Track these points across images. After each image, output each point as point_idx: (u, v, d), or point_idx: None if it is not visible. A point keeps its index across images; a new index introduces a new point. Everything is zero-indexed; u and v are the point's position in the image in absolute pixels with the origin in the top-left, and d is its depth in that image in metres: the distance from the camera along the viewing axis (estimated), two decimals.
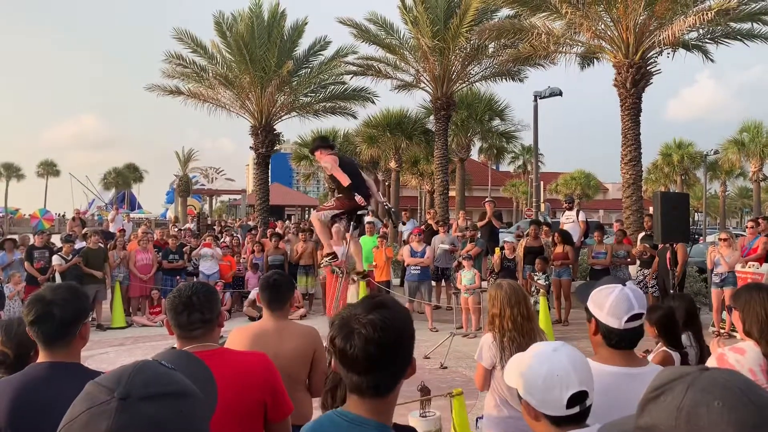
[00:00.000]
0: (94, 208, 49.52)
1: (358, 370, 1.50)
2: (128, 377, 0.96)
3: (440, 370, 8.24)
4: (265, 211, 22.01)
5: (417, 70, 20.73)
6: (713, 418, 0.90)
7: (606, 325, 2.22)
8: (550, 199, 44.61)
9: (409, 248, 11.73)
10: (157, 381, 0.98)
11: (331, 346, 1.55)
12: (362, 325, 1.49)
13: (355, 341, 1.47)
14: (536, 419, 1.74)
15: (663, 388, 0.98)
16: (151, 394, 0.95)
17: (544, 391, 1.68)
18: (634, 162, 15.09)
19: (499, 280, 3.95)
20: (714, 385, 0.94)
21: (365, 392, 1.53)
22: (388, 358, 1.50)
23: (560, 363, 1.69)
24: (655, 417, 0.97)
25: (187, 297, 2.36)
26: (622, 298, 2.20)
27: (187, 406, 0.98)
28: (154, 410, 0.93)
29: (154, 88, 21.76)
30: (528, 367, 1.73)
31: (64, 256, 11.30)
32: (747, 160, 40.74)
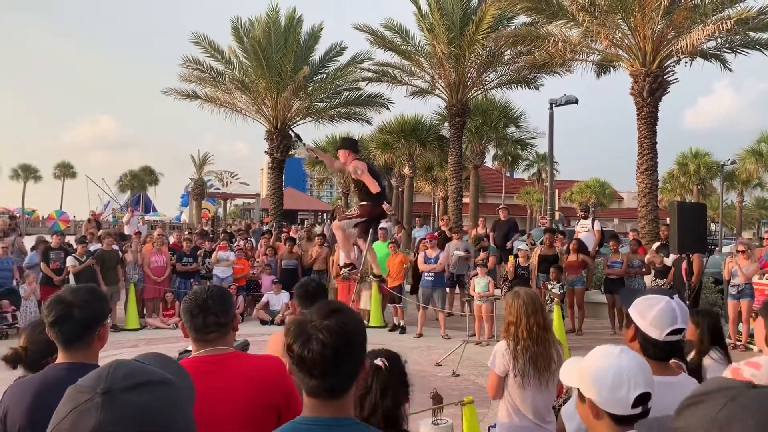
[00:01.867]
0: (109, 210, 49.98)
1: (315, 374, 1.54)
2: (107, 374, 0.97)
3: (452, 377, 8.20)
4: (279, 216, 22.10)
5: (432, 76, 20.74)
6: None
7: (646, 334, 2.23)
8: (565, 207, 44.34)
9: (423, 254, 11.71)
10: (135, 373, 0.98)
11: (288, 353, 1.58)
12: (318, 331, 1.54)
13: (313, 346, 1.52)
14: (597, 417, 1.78)
15: (704, 397, 0.98)
16: (132, 385, 0.95)
17: (611, 389, 1.73)
18: (650, 171, 14.98)
19: (516, 288, 3.93)
20: (755, 403, 0.92)
21: (322, 395, 1.57)
22: (343, 361, 1.55)
23: (629, 363, 1.76)
24: (689, 423, 0.97)
25: (202, 300, 2.37)
26: (668, 310, 2.21)
27: (170, 392, 0.99)
28: (140, 398, 0.94)
29: (171, 92, 21.96)
30: (596, 366, 1.78)
31: (78, 258, 11.40)
32: (765, 170, 40.32)
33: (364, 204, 6.66)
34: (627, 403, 1.71)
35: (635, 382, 1.72)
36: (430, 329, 11.15)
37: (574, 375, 1.87)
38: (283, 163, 22.40)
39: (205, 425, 2.18)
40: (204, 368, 2.28)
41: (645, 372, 1.76)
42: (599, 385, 1.75)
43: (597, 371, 1.77)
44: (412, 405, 2.28)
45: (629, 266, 11.41)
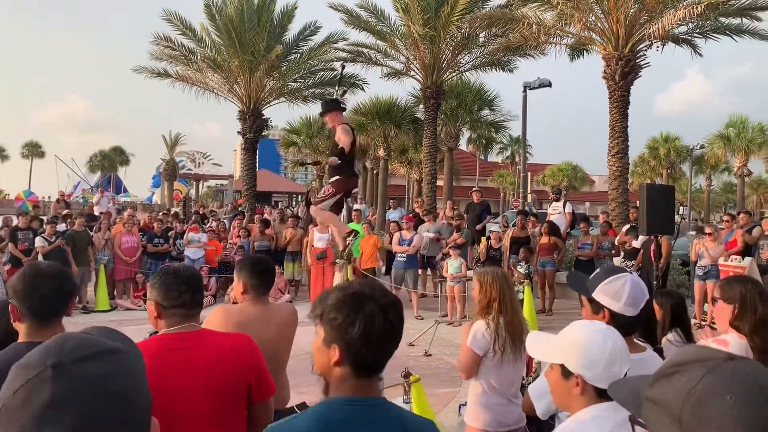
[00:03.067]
0: (79, 191, 49.06)
1: (378, 351, 1.57)
2: (55, 347, 0.94)
3: (424, 357, 8.28)
4: (252, 197, 21.91)
5: (407, 57, 20.65)
6: (721, 410, 0.87)
7: (624, 315, 2.26)
8: (537, 190, 44.73)
9: (399, 236, 11.75)
10: (84, 345, 0.96)
11: (346, 331, 1.54)
12: (386, 307, 1.57)
13: (382, 322, 1.54)
14: (582, 393, 1.79)
15: (681, 367, 0.95)
16: (82, 356, 0.93)
17: (607, 365, 1.75)
18: (621, 155, 15.17)
19: (484, 268, 3.96)
20: (733, 377, 0.89)
21: (374, 372, 1.60)
22: (400, 336, 1.63)
23: (618, 339, 1.81)
24: (664, 393, 0.94)
25: (186, 277, 2.37)
26: (636, 286, 2.27)
27: (122, 361, 0.97)
28: (92, 369, 0.92)
29: (141, 70, 21.51)
30: (591, 343, 1.79)
31: (47, 238, 11.20)
32: (732, 155, 41.11)
33: (336, 179, 6.44)
34: (619, 377, 1.72)
35: (626, 357, 1.78)
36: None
37: (557, 352, 1.85)
38: (257, 143, 22.17)
39: (174, 401, 2.18)
40: (173, 345, 2.27)
41: (626, 347, 1.83)
42: (595, 361, 1.76)
43: (592, 347, 1.77)
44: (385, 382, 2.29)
45: (599, 248, 11.60)
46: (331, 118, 6.39)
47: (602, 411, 1.75)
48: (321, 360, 1.60)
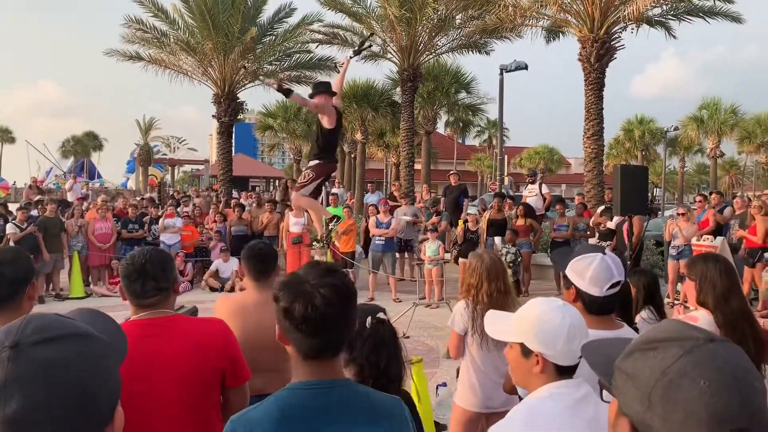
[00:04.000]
0: (51, 177, 48.18)
1: (318, 332, 1.53)
2: (17, 328, 0.92)
3: (402, 339, 8.30)
4: (228, 182, 21.70)
5: (384, 40, 20.50)
6: (692, 395, 0.85)
7: (587, 293, 2.27)
8: (514, 173, 44.95)
9: (375, 219, 11.75)
10: (48, 326, 0.93)
11: (284, 315, 1.55)
12: (320, 288, 1.52)
13: (318, 303, 1.51)
14: (543, 370, 1.79)
15: (658, 344, 0.93)
16: (43, 338, 0.90)
17: (566, 342, 1.75)
18: (596, 137, 15.29)
19: (479, 250, 3.96)
20: (710, 361, 0.88)
21: (323, 354, 1.56)
22: (347, 318, 1.56)
23: (576, 315, 1.81)
24: (637, 368, 0.93)
25: (141, 265, 2.31)
26: (604, 267, 2.26)
27: (85, 346, 0.93)
28: (50, 352, 0.89)
29: (113, 53, 21.08)
30: (549, 320, 1.78)
31: (18, 225, 11.00)
32: (705, 136, 41.70)
33: (315, 164, 6.40)
34: (576, 355, 1.74)
35: (584, 333, 1.77)
36: (381, 293, 11.25)
37: (514, 330, 1.85)
38: (232, 127, 21.93)
39: (146, 388, 2.15)
40: (145, 332, 2.24)
41: (584, 323, 1.82)
42: (554, 338, 1.76)
43: (550, 325, 1.77)
44: None
45: (575, 229, 11.72)
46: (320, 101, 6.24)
47: (560, 388, 1.75)
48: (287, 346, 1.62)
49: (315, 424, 1.51)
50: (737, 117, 41.32)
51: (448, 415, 4.80)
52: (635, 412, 0.92)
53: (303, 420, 1.52)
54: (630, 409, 0.93)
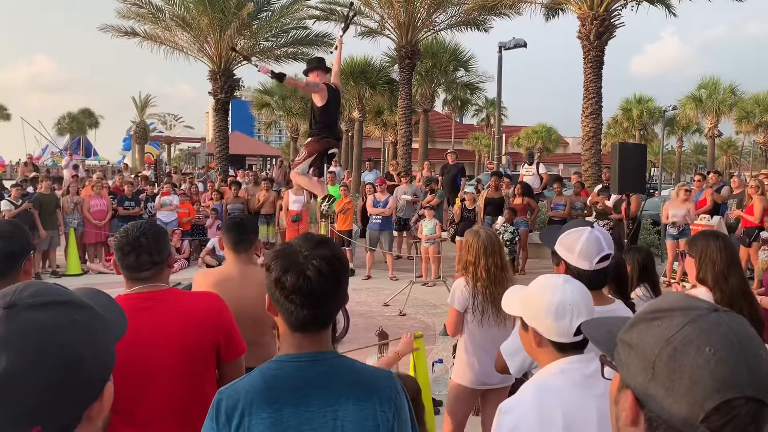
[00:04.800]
0: (47, 154, 47.94)
1: (309, 304, 1.51)
2: (15, 290, 0.91)
3: (399, 317, 8.35)
4: (225, 160, 21.57)
5: (381, 16, 20.30)
6: (698, 362, 0.84)
7: (577, 267, 2.26)
8: (512, 152, 44.88)
9: (372, 198, 11.72)
10: (46, 292, 0.92)
11: (276, 285, 1.52)
12: (312, 259, 1.51)
13: (311, 274, 1.49)
14: (540, 345, 1.82)
15: (662, 314, 0.92)
16: (39, 303, 0.89)
17: (555, 318, 1.76)
18: (594, 115, 15.22)
19: (476, 227, 3.95)
20: (715, 330, 0.87)
21: (312, 326, 1.55)
22: (338, 290, 1.55)
23: (571, 293, 1.78)
24: (641, 339, 0.91)
25: (134, 238, 2.29)
26: (593, 240, 2.25)
27: (80, 315, 0.92)
28: (43, 317, 0.88)
29: (108, 29, 20.81)
30: (540, 297, 1.80)
31: (13, 201, 10.94)
32: (704, 116, 41.55)
33: (308, 141, 6.48)
34: (569, 332, 1.74)
35: (578, 311, 1.75)
36: (378, 271, 11.27)
37: (516, 304, 1.89)
38: (228, 104, 21.74)
39: (140, 361, 2.14)
40: (138, 305, 2.22)
41: (587, 301, 1.80)
42: (543, 315, 1.77)
43: (541, 301, 1.79)
44: (360, 342, 2.29)
45: (572, 208, 11.71)
46: (314, 77, 6.29)
47: (571, 364, 1.76)
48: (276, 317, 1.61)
49: (300, 397, 1.50)
50: (736, 96, 41.17)
51: (443, 392, 4.82)
52: (639, 382, 0.91)
53: (288, 392, 1.51)
54: (633, 380, 0.92)
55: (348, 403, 1.52)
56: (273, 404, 1.49)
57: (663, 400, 0.87)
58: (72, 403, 0.89)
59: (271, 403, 1.49)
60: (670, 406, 0.86)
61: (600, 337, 1.08)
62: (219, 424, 1.51)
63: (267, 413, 1.48)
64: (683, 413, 0.85)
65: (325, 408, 1.51)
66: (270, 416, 1.48)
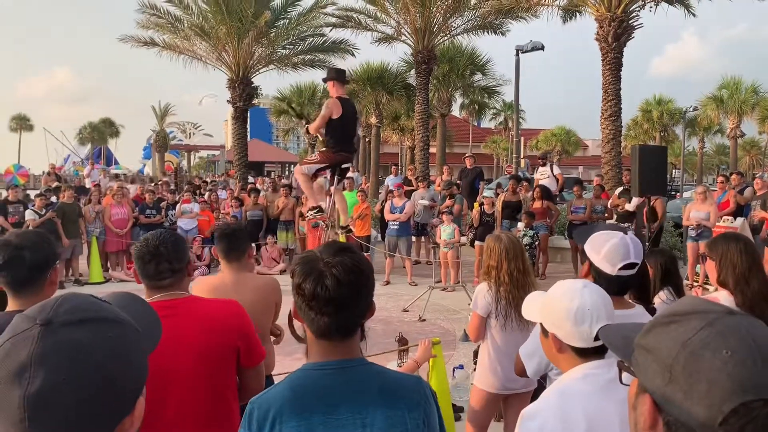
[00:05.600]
0: (69, 164, 48.66)
1: (329, 312, 1.50)
2: (52, 305, 0.92)
3: (419, 322, 8.32)
4: (244, 167, 21.74)
5: (398, 22, 20.35)
6: (715, 365, 0.83)
7: (598, 268, 2.26)
8: (531, 155, 44.65)
9: (390, 204, 11.72)
10: (82, 308, 0.93)
11: (297, 292, 1.53)
12: (332, 267, 1.50)
13: (329, 282, 1.48)
14: (560, 351, 1.81)
15: (678, 318, 0.91)
16: (75, 320, 0.90)
17: (575, 323, 1.75)
18: (613, 117, 15.08)
19: (497, 231, 3.95)
20: (732, 332, 0.86)
21: (334, 334, 1.54)
22: (358, 298, 1.53)
23: (591, 298, 1.77)
24: (658, 342, 0.91)
25: (154, 246, 2.31)
26: (621, 245, 2.23)
27: (115, 332, 0.92)
28: (79, 335, 0.88)
29: (127, 39, 21.11)
30: (559, 302, 1.80)
31: (37, 211, 11.11)
32: (725, 116, 40.97)
33: (323, 150, 6.54)
34: (590, 337, 1.73)
35: (597, 316, 1.74)
36: (397, 277, 11.25)
37: (536, 311, 1.89)
38: (247, 112, 21.92)
39: (161, 368, 2.14)
40: (159, 313, 2.22)
41: (607, 306, 1.78)
42: (563, 320, 1.77)
43: (560, 306, 1.78)
44: (379, 348, 2.28)
45: (592, 211, 11.60)
46: (330, 88, 6.42)
47: (593, 369, 1.75)
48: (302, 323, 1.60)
49: (329, 405, 1.51)
50: (758, 96, 40.52)
51: (464, 398, 4.80)
52: (656, 386, 0.90)
53: (317, 400, 1.51)
54: (651, 384, 0.91)
55: (377, 410, 1.52)
56: (302, 413, 1.50)
57: (681, 404, 0.86)
58: (104, 419, 0.90)
59: (300, 412, 1.50)
60: (688, 409, 0.85)
61: (617, 343, 1.08)
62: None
63: (296, 422, 1.49)
64: (701, 416, 0.84)
65: (354, 416, 1.51)
66: (299, 425, 1.49)
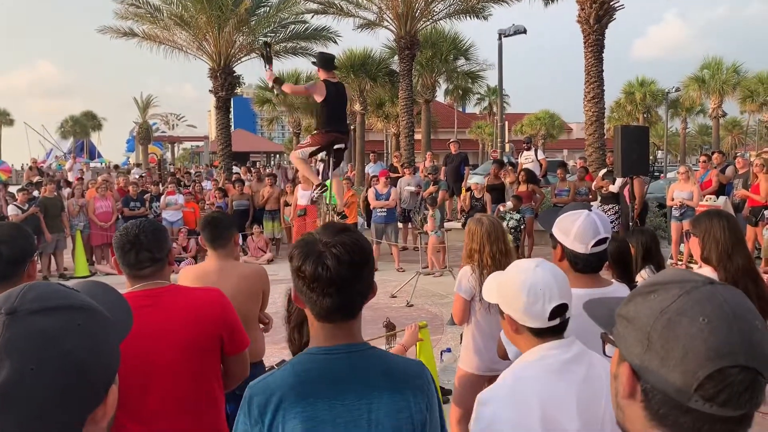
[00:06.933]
0: (52, 158, 48.09)
1: (331, 292, 1.48)
2: (18, 294, 0.89)
3: (406, 307, 8.36)
4: (228, 157, 21.61)
5: (380, 7, 20.23)
6: (691, 331, 0.85)
7: (572, 250, 2.26)
8: (516, 140, 44.71)
9: (374, 190, 11.71)
10: (49, 296, 0.90)
11: (297, 274, 1.51)
12: (332, 247, 1.48)
13: (329, 262, 1.46)
14: (517, 332, 1.79)
15: (657, 287, 0.93)
16: (42, 308, 0.87)
17: (527, 303, 1.73)
18: (596, 99, 15.12)
19: (477, 215, 3.95)
20: (709, 300, 0.87)
21: (337, 315, 1.52)
22: (360, 278, 1.51)
23: (543, 277, 1.74)
24: (637, 311, 0.93)
25: (134, 235, 2.29)
26: (589, 223, 2.23)
27: (84, 319, 0.90)
28: (46, 323, 0.86)
29: (106, 30, 20.87)
30: (512, 282, 1.78)
31: (20, 206, 10.98)
32: (707, 97, 41.25)
33: (315, 133, 6.65)
34: (544, 316, 1.71)
35: (550, 295, 1.71)
36: (384, 263, 11.26)
37: (494, 292, 1.86)
38: (229, 102, 21.76)
39: (144, 358, 2.15)
40: (139, 303, 2.22)
41: (560, 284, 1.75)
42: (515, 300, 1.75)
43: (513, 287, 1.76)
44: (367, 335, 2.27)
45: (576, 194, 11.66)
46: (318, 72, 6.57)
47: (550, 350, 1.74)
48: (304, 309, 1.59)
49: (334, 390, 1.49)
50: (739, 76, 40.85)
51: (452, 381, 4.82)
52: (635, 354, 0.91)
53: (321, 385, 1.49)
54: (630, 353, 0.93)
55: (382, 395, 1.51)
56: (306, 398, 1.47)
57: (658, 371, 0.88)
58: (75, 408, 0.88)
59: (304, 397, 1.47)
60: (664, 376, 0.87)
61: (600, 314, 1.09)
62: (252, 420, 1.49)
63: (301, 407, 1.46)
64: (677, 383, 0.85)
65: (359, 401, 1.49)
66: (304, 410, 1.46)
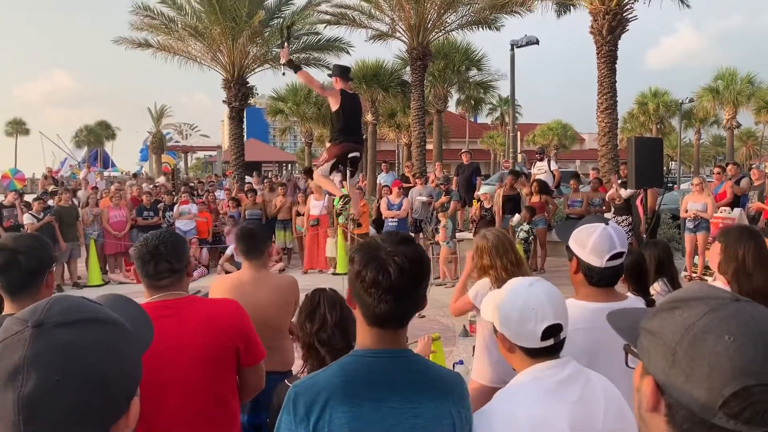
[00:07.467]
0: (66, 167, 48.57)
1: (388, 300, 1.51)
2: (44, 307, 0.92)
3: (418, 319, 8.32)
4: (241, 167, 21.72)
5: (392, 18, 20.34)
6: (717, 349, 0.85)
7: (587, 263, 2.23)
8: (528, 150, 44.64)
9: (387, 200, 11.73)
10: (74, 309, 0.93)
11: (357, 278, 1.54)
12: (395, 256, 1.52)
13: (392, 270, 1.50)
14: (511, 351, 1.77)
15: (683, 303, 0.93)
16: (67, 321, 0.90)
17: (519, 323, 1.71)
18: (609, 110, 15.09)
19: (483, 230, 3.92)
20: (735, 318, 0.87)
21: (390, 323, 1.56)
22: (417, 289, 1.56)
23: (536, 296, 1.71)
24: (663, 326, 0.93)
25: (154, 246, 2.31)
26: (605, 236, 2.21)
27: (107, 333, 0.93)
28: (72, 336, 0.88)
29: (121, 41, 21.09)
30: (504, 301, 1.76)
31: (35, 215, 11.09)
32: (721, 107, 41.00)
33: (328, 146, 6.74)
34: (536, 336, 1.69)
35: (543, 314, 1.68)
36: None
37: (490, 309, 1.83)
38: (243, 112, 21.90)
39: (160, 369, 2.15)
40: (158, 313, 2.24)
41: (554, 304, 1.71)
42: (507, 319, 1.73)
43: (505, 306, 1.75)
44: None
45: (590, 204, 11.61)
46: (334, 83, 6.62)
47: (543, 370, 1.71)
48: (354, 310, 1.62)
49: (381, 392, 1.51)
50: (754, 87, 40.57)
51: None
52: (659, 369, 0.92)
53: (368, 387, 1.51)
54: (654, 367, 0.93)
55: (427, 401, 1.53)
56: (353, 398, 1.49)
57: (683, 387, 0.88)
58: (99, 419, 0.90)
59: (351, 397, 1.49)
60: (689, 392, 0.87)
61: (624, 327, 1.09)
62: (297, 418, 1.50)
63: (347, 407, 1.48)
64: (702, 399, 0.85)
65: (405, 405, 1.51)
66: (350, 410, 1.48)
